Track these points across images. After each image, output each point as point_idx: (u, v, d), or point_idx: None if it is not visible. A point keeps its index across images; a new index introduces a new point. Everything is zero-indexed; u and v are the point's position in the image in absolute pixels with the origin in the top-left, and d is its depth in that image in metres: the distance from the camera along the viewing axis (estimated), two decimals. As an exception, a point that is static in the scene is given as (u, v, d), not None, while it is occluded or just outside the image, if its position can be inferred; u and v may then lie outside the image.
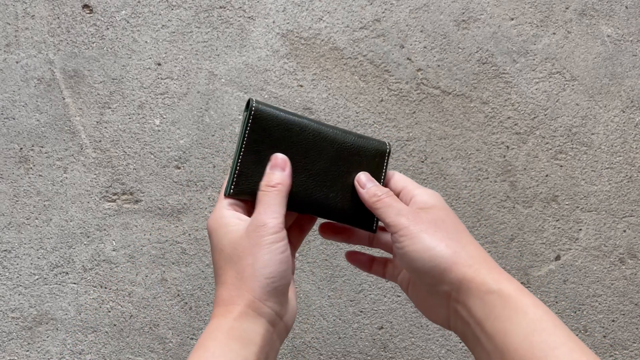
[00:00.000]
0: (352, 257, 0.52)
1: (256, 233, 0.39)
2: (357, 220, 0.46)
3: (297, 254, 0.82)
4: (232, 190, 0.42)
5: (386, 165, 0.47)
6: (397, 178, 0.47)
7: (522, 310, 0.36)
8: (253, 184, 0.42)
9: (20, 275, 0.78)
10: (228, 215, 0.41)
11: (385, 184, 0.47)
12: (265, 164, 0.43)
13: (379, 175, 0.47)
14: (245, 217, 0.42)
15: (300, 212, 0.45)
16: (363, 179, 0.45)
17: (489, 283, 0.37)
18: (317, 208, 0.45)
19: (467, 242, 0.40)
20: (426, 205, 0.43)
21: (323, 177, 0.45)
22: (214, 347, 0.36)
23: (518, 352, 0.34)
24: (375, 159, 0.46)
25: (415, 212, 0.41)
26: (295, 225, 0.47)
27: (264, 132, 0.43)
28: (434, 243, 0.39)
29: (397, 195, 0.46)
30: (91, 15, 0.83)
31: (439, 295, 0.41)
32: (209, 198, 0.81)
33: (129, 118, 0.82)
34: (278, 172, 0.42)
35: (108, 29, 0.83)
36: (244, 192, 0.42)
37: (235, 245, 0.40)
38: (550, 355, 0.34)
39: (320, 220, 0.49)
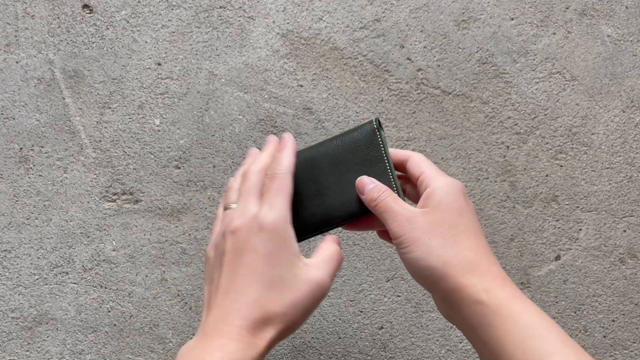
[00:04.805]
0: (381, 233, 0.51)
1: (317, 300, 0.42)
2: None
3: (297, 254, 0.82)
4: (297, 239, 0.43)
5: (382, 141, 0.45)
6: (416, 162, 0.45)
7: (512, 318, 0.36)
8: (309, 219, 0.44)
9: (20, 275, 0.78)
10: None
11: (398, 163, 0.45)
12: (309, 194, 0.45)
13: (380, 154, 0.44)
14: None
15: (327, 230, 0.45)
16: (359, 184, 0.44)
17: (479, 293, 0.37)
18: (342, 219, 0.45)
19: (464, 246, 0.39)
20: (434, 200, 0.41)
21: (332, 190, 0.44)
22: None
23: (514, 357, 0.35)
24: (368, 142, 0.44)
25: (411, 218, 0.40)
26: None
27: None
28: (425, 253, 0.39)
29: (417, 180, 0.44)
30: (91, 15, 0.83)
31: (438, 299, 0.42)
32: (209, 198, 0.81)
33: (129, 118, 0.82)
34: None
35: (108, 29, 0.83)
36: (306, 231, 0.44)
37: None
38: None
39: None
